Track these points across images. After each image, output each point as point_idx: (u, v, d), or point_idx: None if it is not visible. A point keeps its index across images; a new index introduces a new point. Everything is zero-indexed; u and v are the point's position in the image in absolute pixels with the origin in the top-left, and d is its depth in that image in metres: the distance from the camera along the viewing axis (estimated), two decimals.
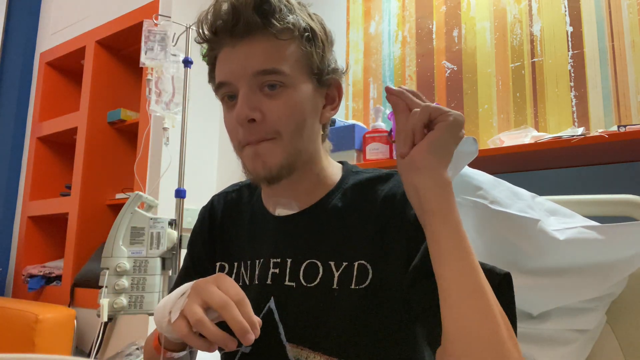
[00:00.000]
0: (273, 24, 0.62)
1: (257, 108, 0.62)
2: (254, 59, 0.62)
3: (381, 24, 1.94)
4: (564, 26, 1.54)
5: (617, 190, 0.94)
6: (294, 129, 0.64)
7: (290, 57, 0.63)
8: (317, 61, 0.66)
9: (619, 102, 1.42)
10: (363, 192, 0.69)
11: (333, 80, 0.70)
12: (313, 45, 0.65)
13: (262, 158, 0.64)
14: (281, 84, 0.63)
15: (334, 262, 0.65)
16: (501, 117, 1.61)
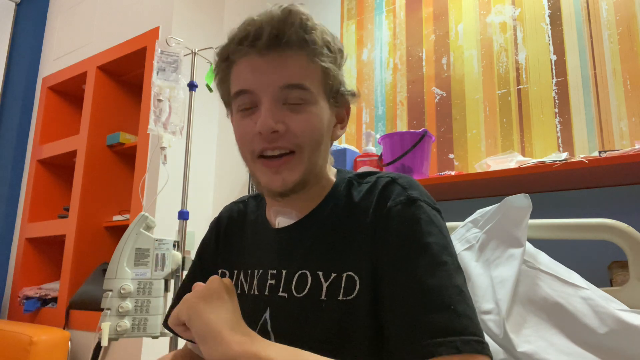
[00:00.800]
0: (308, 41, 0.64)
1: (281, 120, 0.63)
2: (284, 72, 0.63)
3: (373, 51, 2.00)
4: (548, 55, 1.59)
5: (598, 214, 0.96)
6: (314, 144, 0.65)
7: (315, 75, 0.65)
8: (334, 81, 0.67)
9: (602, 128, 1.47)
10: (355, 200, 0.68)
11: (344, 101, 0.72)
12: (333, 65, 0.67)
13: (282, 175, 0.65)
14: (305, 100, 0.64)
15: (322, 273, 0.65)
16: (489, 142, 1.65)
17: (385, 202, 0.64)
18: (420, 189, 0.65)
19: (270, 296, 0.70)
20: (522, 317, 0.72)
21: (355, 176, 0.73)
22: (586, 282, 0.75)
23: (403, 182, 0.65)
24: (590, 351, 0.68)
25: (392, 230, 0.61)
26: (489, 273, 0.77)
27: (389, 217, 0.62)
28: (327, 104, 0.67)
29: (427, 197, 0.65)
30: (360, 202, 0.67)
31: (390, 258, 0.60)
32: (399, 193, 0.64)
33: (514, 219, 0.74)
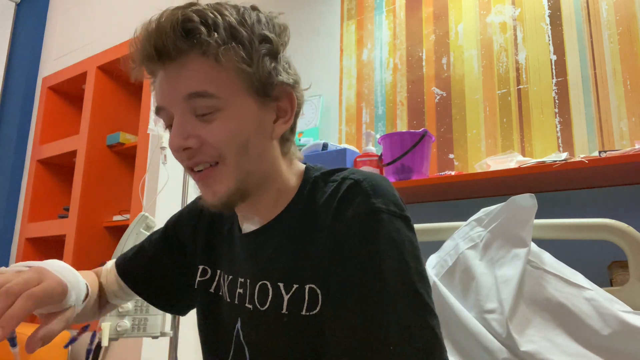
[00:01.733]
0: (200, 43, 0.57)
1: (192, 135, 0.59)
2: (183, 82, 0.58)
3: (373, 51, 2.00)
4: (548, 55, 1.60)
5: (598, 214, 0.97)
6: (237, 151, 0.59)
7: (224, 76, 0.58)
8: (260, 75, 0.60)
9: (602, 128, 1.47)
10: (318, 204, 0.63)
11: (283, 92, 0.64)
12: (253, 58, 0.59)
13: (212, 188, 0.61)
14: (215, 107, 0.58)
15: (283, 284, 0.61)
16: (489, 142, 1.65)
17: (345, 210, 0.58)
18: (386, 194, 0.59)
19: (239, 306, 0.67)
20: (526, 317, 0.72)
21: (322, 175, 0.67)
22: (590, 283, 0.76)
23: (368, 185, 0.59)
24: (594, 352, 0.69)
25: (347, 247, 0.56)
26: (493, 272, 0.77)
27: (346, 231, 0.57)
28: (254, 101, 0.61)
29: (393, 204, 0.58)
30: (322, 207, 0.62)
31: (341, 279, 0.55)
32: (361, 202, 0.58)
33: (519, 219, 0.75)
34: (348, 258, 0.55)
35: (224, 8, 0.60)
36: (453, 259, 0.84)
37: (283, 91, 0.64)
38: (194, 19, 0.57)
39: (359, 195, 0.58)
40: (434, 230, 0.99)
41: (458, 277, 0.82)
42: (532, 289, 0.74)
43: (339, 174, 0.64)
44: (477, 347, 0.72)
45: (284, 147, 0.67)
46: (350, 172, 0.63)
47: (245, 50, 0.59)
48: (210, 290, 0.74)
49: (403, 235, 0.56)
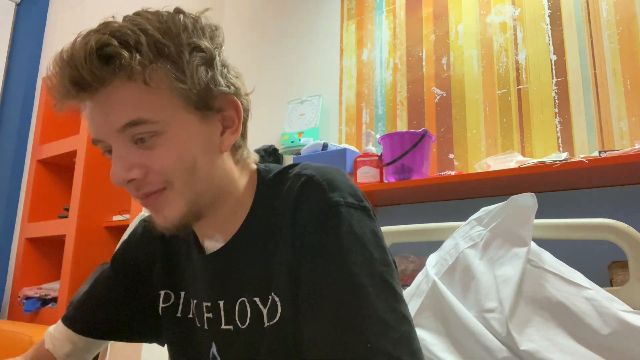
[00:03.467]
0: (123, 68, 0.52)
1: (135, 165, 0.55)
2: (114, 113, 0.53)
3: (373, 51, 2.00)
4: (548, 55, 1.60)
5: (598, 214, 0.96)
6: (185, 174, 0.55)
7: (157, 98, 0.54)
8: (197, 89, 0.56)
9: (602, 128, 1.47)
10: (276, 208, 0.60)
11: (226, 101, 0.60)
12: (186, 73, 0.55)
13: (161, 212, 0.57)
14: (154, 132, 0.54)
15: (259, 299, 0.59)
16: (489, 142, 1.65)
17: (302, 209, 0.56)
18: (342, 186, 0.56)
19: (212, 330, 0.64)
20: (526, 316, 0.72)
21: (274, 176, 0.64)
22: (590, 282, 0.76)
23: (322, 180, 0.57)
24: (593, 351, 0.69)
25: (309, 246, 0.54)
26: (493, 272, 0.77)
27: (306, 230, 0.55)
28: (195, 117, 0.56)
29: (351, 195, 0.56)
30: (280, 209, 0.59)
31: (309, 280, 0.53)
32: (317, 198, 0.55)
33: (519, 218, 0.74)
34: (312, 257, 0.54)
35: (145, 20, 0.54)
36: (453, 258, 0.84)
37: (225, 100, 0.60)
38: (111, 43, 0.51)
39: (314, 191, 0.56)
40: (434, 230, 0.99)
41: (458, 276, 0.82)
42: (532, 288, 0.74)
43: (291, 171, 0.62)
44: (476, 346, 0.72)
45: (236, 155, 0.63)
46: (302, 168, 0.61)
47: (176, 65, 0.55)
48: (178, 315, 0.70)
49: (364, 226, 0.54)
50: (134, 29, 0.53)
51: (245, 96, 0.63)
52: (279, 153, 2.04)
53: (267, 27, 2.32)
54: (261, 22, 2.36)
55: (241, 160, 0.64)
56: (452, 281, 0.82)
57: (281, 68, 2.23)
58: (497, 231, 0.81)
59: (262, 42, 2.32)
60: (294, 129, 2.04)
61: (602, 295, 0.73)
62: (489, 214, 0.85)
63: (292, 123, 2.06)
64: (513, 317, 0.72)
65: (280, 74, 2.23)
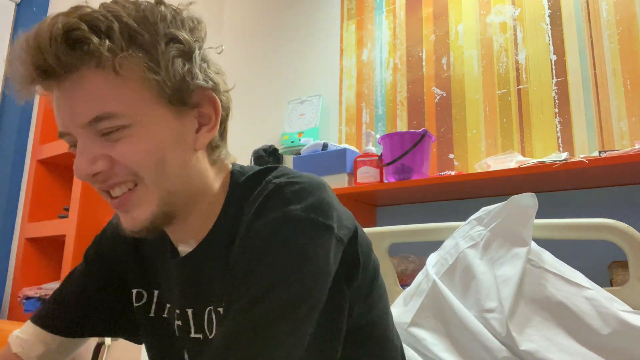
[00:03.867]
0: (91, 54, 0.48)
1: (99, 157, 0.51)
2: (79, 106, 0.50)
3: (373, 51, 2.00)
4: (548, 55, 1.60)
5: (598, 214, 0.96)
6: (154, 170, 0.52)
7: (127, 90, 0.51)
8: (171, 82, 0.52)
9: (602, 128, 1.47)
10: (245, 213, 0.55)
11: (203, 97, 0.56)
12: (160, 64, 0.51)
13: (130, 214, 0.54)
14: (122, 125, 0.51)
15: (222, 308, 0.56)
16: (489, 142, 1.65)
17: (259, 217, 0.51)
18: (310, 198, 0.51)
19: (183, 338, 0.61)
20: (526, 316, 0.72)
21: (248, 179, 0.60)
22: (590, 282, 0.76)
23: (290, 190, 0.52)
24: (593, 351, 0.69)
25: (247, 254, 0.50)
26: (493, 272, 0.77)
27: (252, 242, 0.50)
28: (168, 112, 0.53)
29: (318, 211, 0.51)
30: (246, 215, 0.54)
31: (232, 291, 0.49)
32: (276, 208, 0.50)
33: (519, 218, 0.74)
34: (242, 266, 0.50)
35: (121, 8, 0.51)
36: (453, 257, 0.84)
37: (203, 96, 0.56)
38: (80, 27, 0.48)
39: (277, 201, 0.51)
40: (434, 230, 0.99)
41: (458, 276, 0.82)
42: (532, 288, 0.75)
43: (265, 175, 0.57)
44: (476, 346, 0.72)
45: (212, 155, 0.60)
46: (278, 174, 0.56)
47: (149, 55, 0.51)
48: (151, 315, 0.67)
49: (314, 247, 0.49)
50: (107, 15, 0.49)
51: (225, 93, 0.60)
52: (279, 153, 2.04)
53: (267, 27, 2.32)
54: (261, 22, 2.36)
55: (218, 161, 0.61)
56: (452, 281, 0.82)
57: (281, 68, 2.23)
58: (498, 231, 0.81)
59: (262, 42, 2.32)
60: (294, 129, 2.04)
61: (603, 295, 0.73)
62: (490, 213, 0.85)
63: (292, 123, 2.06)
64: (513, 317, 0.72)
65: (280, 74, 2.23)
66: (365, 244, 0.61)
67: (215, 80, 0.57)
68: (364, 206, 1.75)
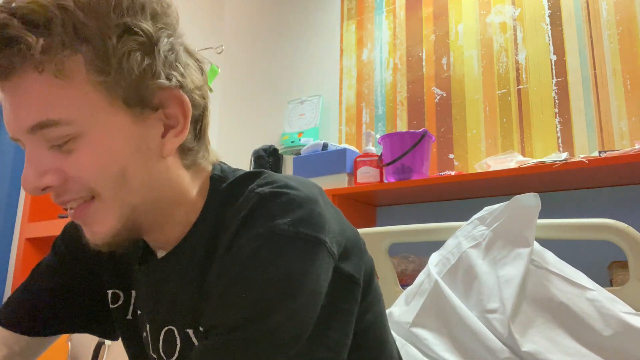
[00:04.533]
0: (26, 55, 0.42)
1: (49, 170, 0.45)
2: (22, 111, 0.44)
3: (373, 51, 2.00)
4: (548, 55, 1.60)
5: (598, 214, 0.96)
6: (113, 184, 0.46)
7: (73, 94, 0.44)
8: (126, 82, 0.45)
9: (602, 128, 1.47)
10: (225, 225, 0.50)
11: (167, 97, 0.48)
12: (111, 62, 0.44)
13: (91, 227, 0.48)
14: (71, 134, 0.44)
15: (193, 331, 0.50)
16: (489, 142, 1.65)
17: (243, 231, 0.46)
18: (299, 210, 0.45)
19: (148, 353, 0.56)
20: (528, 317, 0.72)
21: (230, 186, 0.53)
22: (593, 283, 0.76)
23: (277, 201, 0.46)
24: (595, 352, 0.69)
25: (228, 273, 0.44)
26: (496, 272, 0.77)
27: (235, 259, 0.45)
28: (125, 115, 0.46)
29: (307, 224, 0.45)
30: (227, 227, 0.48)
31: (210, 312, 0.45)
32: (261, 223, 0.45)
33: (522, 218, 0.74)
34: (221, 294, 0.44)
35: None
36: (455, 257, 0.84)
37: (167, 95, 0.48)
38: (11, 23, 0.41)
39: (262, 215, 0.45)
40: (434, 230, 0.99)
41: (460, 276, 0.82)
42: (535, 289, 0.75)
43: (250, 184, 0.50)
44: (478, 346, 0.72)
45: (186, 159, 0.52)
46: (262, 182, 0.49)
47: (97, 52, 0.44)
48: (128, 317, 0.62)
49: (305, 267, 0.44)
50: (48, 6, 0.42)
51: (198, 90, 0.52)
52: (279, 153, 2.04)
53: (267, 27, 2.32)
54: (261, 22, 2.36)
55: (194, 165, 0.54)
56: (454, 281, 0.82)
57: (281, 68, 2.23)
58: (500, 231, 0.81)
59: (262, 42, 2.32)
60: (294, 129, 2.04)
61: (605, 296, 0.73)
62: (492, 213, 0.85)
63: (292, 123, 2.06)
64: (515, 317, 0.72)
65: (280, 74, 2.23)
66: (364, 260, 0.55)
67: (183, 76, 0.49)
68: (364, 206, 1.75)
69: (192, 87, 0.51)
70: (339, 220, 0.53)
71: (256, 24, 2.37)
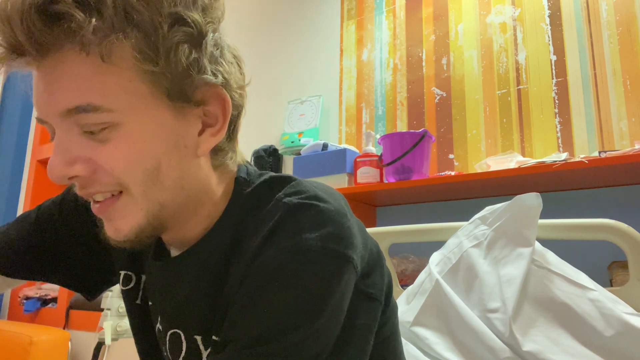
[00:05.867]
0: (74, 34, 0.39)
1: (79, 159, 0.43)
2: (59, 92, 0.41)
3: (373, 51, 2.00)
4: (548, 55, 1.60)
5: (598, 214, 0.97)
6: (144, 180, 0.44)
7: (116, 80, 0.42)
8: (172, 74, 0.43)
9: (602, 128, 1.47)
10: (247, 232, 0.48)
11: (210, 93, 0.47)
12: (160, 51, 0.42)
13: (115, 223, 0.46)
14: (108, 123, 0.42)
15: (201, 338, 0.49)
16: (489, 142, 1.65)
17: (270, 244, 0.44)
18: (328, 225, 0.44)
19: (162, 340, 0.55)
20: (529, 317, 0.72)
21: (253, 192, 0.51)
22: (594, 283, 0.76)
23: (305, 214, 0.44)
24: (596, 353, 0.69)
25: (249, 288, 0.43)
26: (497, 271, 0.77)
27: (258, 270, 0.44)
28: (166, 109, 0.45)
29: (336, 239, 0.44)
30: (250, 237, 0.47)
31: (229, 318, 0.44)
32: (288, 236, 0.44)
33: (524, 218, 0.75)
34: (243, 305, 0.43)
35: None
36: (456, 256, 0.84)
37: (210, 92, 0.47)
38: None
39: (290, 228, 0.44)
40: (434, 230, 0.99)
41: (461, 275, 0.82)
42: (536, 289, 0.75)
43: (276, 191, 0.48)
44: (479, 345, 0.72)
45: (216, 159, 0.51)
46: (290, 191, 0.47)
47: (147, 40, 0.42)
48: (137, 302, 0.60)
49: (331, 284, 0.43)
50: None
51: (239, 89, 0.51)
52: (279, 153, 2.04)
53: (267, 27, 2.33)
54: (261, 22, 2.36)
55: (222, 166, 0.52)
56: (455, 280, 0.82)
57: (281, 68, 2.23)
58: (502, 230, 0.82)
59: (262, 42, 2.33)
60: (294, 129, 2.04)
61: (606, 297, 0.73)
62: (494, 213, 0.85)
63: (292, 123, 2.06)
64: (516, 317, 0.72)
65: (280, 74, 2.23)
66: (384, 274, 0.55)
67: (228, 73, 0.48)
68: (364, 206, 1.75)
69: (234, 86, 0.49)
70: (363, 234, 0.52)
71: (256, 24, 2.37)
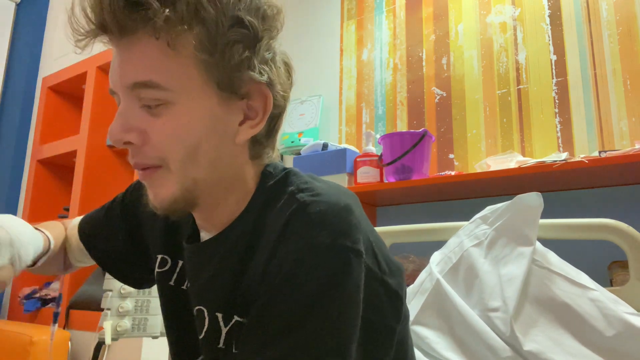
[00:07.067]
0: (148, 21, 0.46)
1: (135, 128, 0.50)
2: (129, 68, 0.49)
3: (373, 51, 2.00)
4: (548, 55, 1.60)
5: (598, 214, 0.96)
6: (183, 156, 0.50)
7: (177, 65, 0.49)
8: (225, 67, 0.50)
9: (602, 128, 1.47)
10: (267, 222, 0.53)
11: (256, 90, 0.53)
12: (217, 45, 0.49)
13: (153, 189, 0.53)
14: (162, 100, 0.49)
15: (222, 315, 0.54)
16: (489, 142, 1.65)
17: (285, 242, 0.49)
18: (335, 222, 0.48)
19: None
20: (530, 316, 0.72)
21: (274, 186, 0.56)
22: (595, 283, 0.76)
23: (314, 211, 0.48)
24: (597, 353, 0.69)
25: (270, 285, 0.48)
26: (498, 270, 0.77)
27: (279, 268, 0.47)
28: (215, 96, 0.51)
29: (344, 235, 0.48)
30: (269, 227, 0.52)
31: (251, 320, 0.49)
32: (302, 234, 0.48)
33: (524, 218, 0.74)
34: (263, 302, 0.48)
35: None
36: (457, 256, 0.84)
37: (255, 88, 0.53)
38: None
39: (301, 225, 0.48)
40: (434, 230, 0.99)
41: (462, 275, 0.82)
42: (537, 288, 0.75)
43: (288, 185, 0.54)
44: (480, 345, 0.72)
45: (253, 150, 0.57)
46: (301, 185, 0.53)
47: (208, 34, 0.48)
48: (170, 284, 0.65)
49: (345, 277, 0.47)
50: None
51: (283, 92, 0.56)
52: (279, 153, 2.04)
53: None
54: None
55: (257, 158, 0.57)
56: (455, 279, 0.82)
57: None
58: (502, 230, 0.81)
59: None
60: (294, 129, 2.04)
61: (607, 297, 0.73)
62: (494, 212, 0.85)
63: (292, 123, 2.06)
64: (517, 317, 0.72)
65: None
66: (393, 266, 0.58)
67: (274, 76, 0.54)
68: (364, 206, 1.74)
69: (278, 87, 0.55)
70: (374, 232, 0.56)
71: None
